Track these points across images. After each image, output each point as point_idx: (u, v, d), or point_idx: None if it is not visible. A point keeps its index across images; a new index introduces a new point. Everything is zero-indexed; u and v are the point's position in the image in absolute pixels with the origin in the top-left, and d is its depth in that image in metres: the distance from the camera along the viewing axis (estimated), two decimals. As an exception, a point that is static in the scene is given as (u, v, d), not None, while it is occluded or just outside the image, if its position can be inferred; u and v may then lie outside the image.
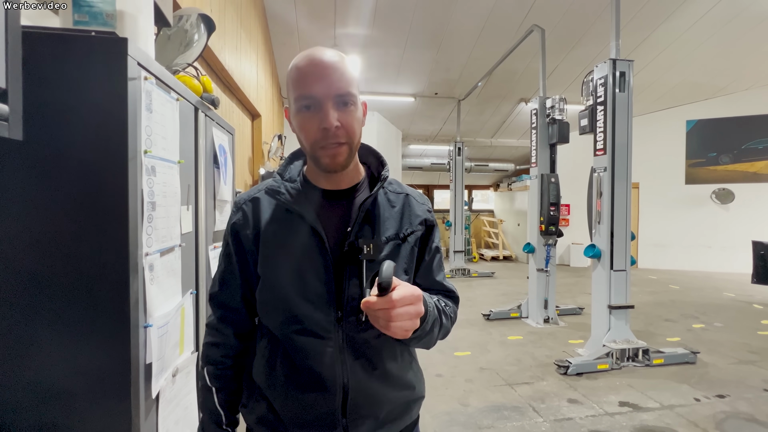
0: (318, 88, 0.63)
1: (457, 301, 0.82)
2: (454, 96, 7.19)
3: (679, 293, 5.90)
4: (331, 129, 0.63)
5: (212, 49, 2.54)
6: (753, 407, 2.55)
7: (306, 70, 0.64)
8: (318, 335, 0.67)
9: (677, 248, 7.98)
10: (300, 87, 0.64)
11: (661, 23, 5.14)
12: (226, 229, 0.76)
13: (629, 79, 3.22)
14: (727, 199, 7.67)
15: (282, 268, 0.68)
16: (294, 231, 0.69)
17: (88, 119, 0.76)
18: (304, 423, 0.69)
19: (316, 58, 0.64)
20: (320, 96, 0.63)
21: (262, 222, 0.71)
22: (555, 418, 2.43)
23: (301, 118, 0.66)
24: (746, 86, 7.35)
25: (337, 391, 0.68)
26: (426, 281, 0.78)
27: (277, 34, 5.22)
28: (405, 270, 0.74)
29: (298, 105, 0.65)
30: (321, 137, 0.64)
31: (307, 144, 0.67)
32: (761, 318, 4.62)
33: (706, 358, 3.37)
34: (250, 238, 0.71)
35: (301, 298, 0.67)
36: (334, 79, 0.63)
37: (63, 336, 0.77)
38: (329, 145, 0.65)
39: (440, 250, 0.81)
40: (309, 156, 0.70)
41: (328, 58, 0.64)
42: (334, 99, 0.64)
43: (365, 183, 0.77)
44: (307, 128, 0.65)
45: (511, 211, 10.14)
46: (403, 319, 0.57)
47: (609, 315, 3.26)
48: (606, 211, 3.28)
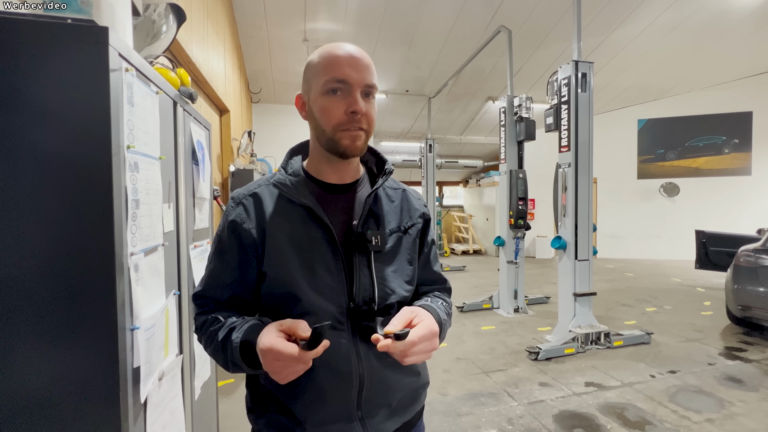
0: (351, 75, 0.66)
1: (450, 291, 0.87)
2: (425, 93, 7.29)
3: (634, 280, 6.36)
4: (359, 113, 0.66)
5: (179, 41, 2.43)
6: (700, 380, 2.82)
7: (341, 56, 0.67)
8: (332, 327, 0.67)
9: (631, 238, 8.60)
10: (332, 71, 0.66)
11: (615, 28, 5.49)
12: (223, 226, 0.73)
13: (590, 80, 3.42)
14: (674, 193, 8.36)
15: (291, 262, 0.68)
16: (301, 224, 0.69)
17: (68, 113, 0.72)
18: (322, 420, 0.68)
19: (350, 49, 0.68)
20: (352, 81, 0.66)
21: (266, 216, 0.70)
22: (528, 401, 2.56)
23: (326, 100, 0.67)
24: (688, 88, 8.02)
25: (354, 381, 0.68)
26: (424, 272, 0.82)
27: (245, 28, 5.05)
28: (409, 261, 0.77)
29: (326, 88, 0.67)
30: (346, 120, 0.67)
31: (327, 126, 0.68)
32: (704, 300, 5.10)
33: (659, 338, 3.68)
34: (253, 234, 0.69)
35: (313, 291, 0.67)
36: (365, 68, 0.68)
37: (45, 341, 0.72)
38: (352, 128, 0.67)
39: (435, 242, 0.86)
40: (326, 140, 0.69)
41: (360, 52, 0.69)
42: (363, 88, 0.67)
43: (365, 178, 0.79)
44: (331, 110, 0.67)
45: (480, 206, 10.45)
46: (419, 355, 0.63)
47: (574, 302, 3.47)
48: (570, 204, 3.47)
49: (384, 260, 0.73)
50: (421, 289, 0.82)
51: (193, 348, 1.32)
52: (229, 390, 2.73)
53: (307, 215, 0.69)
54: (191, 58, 2.76)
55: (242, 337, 0.63)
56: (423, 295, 0.82)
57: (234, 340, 0.64)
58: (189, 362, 1.27)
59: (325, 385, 0.67)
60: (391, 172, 0.78)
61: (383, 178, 0.76)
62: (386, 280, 0.72)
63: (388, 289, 0.72)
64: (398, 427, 0.76)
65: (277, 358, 0.58)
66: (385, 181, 0.76)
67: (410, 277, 0.77)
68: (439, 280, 0.84)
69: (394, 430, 0.75)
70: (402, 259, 0.75)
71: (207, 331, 0.69)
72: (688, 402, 2.51)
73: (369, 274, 0.70)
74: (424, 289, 0.82)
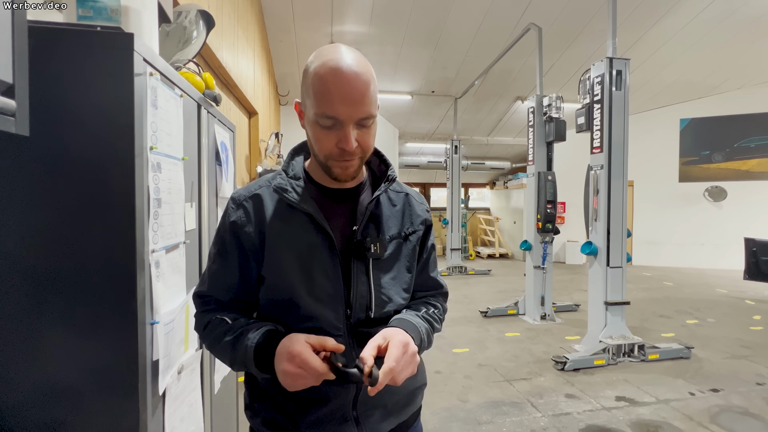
0: (342, 111, 0.61)
1: (446, 296, 0.86)
2: (451, 94, 7.20)
3: (673, 290, 5.97)
4: (350, 150, 0.64)
5: (210, 47, 2.53)
6: (746, 401, 2.60)
7: (331, 87, 0.60)
8: (328, 333, 0.67)
9: (671, 245, 8.08)
10: (323, 104, 0.61)
11: (655, 22, 5.19)
12: (223, 227, 0.73)
13: (626, 78, 3.25)
14: (720, 197, 7.77)
15: (290, 267, 0.68)
16: (301, 229, 0.69)
17: (95, 115, 0.76)
18: (317, 420, 0.69)
19: (343, 73, 0.60)
20: (343, 119, 0.62)
21: (266, 219, 0.69)
22: (553, 413, 2.46)
23: (318, 130, 0.65)
24: (738, 85, 7.44)
25: (350, 385, 0.69)
26: (421, 277, 0.82)
27: (274, 32, 5.19)
28: (408, 268, 0.76)
29: (317, 119, 0.63)
30: (337, 154, 0.65)
31: (320, 153, 0.67)
32: (753, 313, 4.70)
33: (700, 353, 3.43)
34: (253, 236, 0.69)
35: (310, 297, 0.67)
36: (359, 101, 0.61)
37: (70, 333, 0.76)
38: (344, 159, 0.66)
39: (435, 248, 0.85)
40: (320, 163, 0.69)
41: (355, 76, 0.61)
42: (356, 122, 0.64)
43: (368, 182, 0.78)
44: (323, 142, 0.65)
45: (507, 209, 10.18)
46: (406, 372, 0.63)
47: (605, 311, 3.29)
48: (602, 208, 3.31)
49: (382, 267, 0.72)
50: (417, 294, 0.81)
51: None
52: (251, 385, 2.80)
53: (308, 220, 0.69)
54: (221, 63, 2.86)
55: (260, 339, 0.64)
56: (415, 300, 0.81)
57: (250, 339, 0.65)
58: (209, 357, 1.31)
59: (323, 387, 0.67)
60: (393, 180, 0.76)
61: (386, 185, 0.74)
62: (384, 287, 0.71)
63: (386, 297, 0.72)
64: (393, 428, 0.76)
65: (301, 366, 0.59)
66: (387, 187, 0.74)
67: (408, 285, 0.76)
68: (435, 286, 0.84)
69: (390, 430, 0.75)
70: (401, 267, 0.75)
71: (214, 331, 0.70)
72: (732, 424, 2.32)
73: (367, 281, 0.69)
74: (419, 296, 0.82)
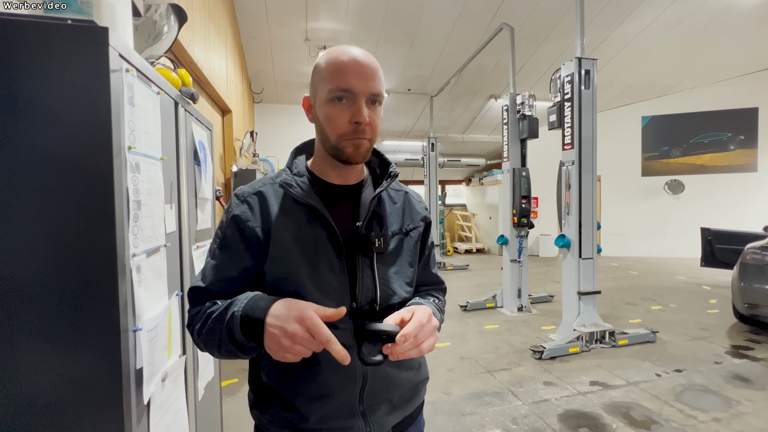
0: (356, 84, 0.65)
1: (445, 291, 0.90)
2: (427, 92, 7.27)
3: (638, 278, 6.32)
4: (363, 123, 0.66)
5: (181, 42, 2.43)
6: (706, 379, 2.80)
7: (347, 64, 0.66)
8: (335, 326, 0.67)
9: (635, 236, 8.54)
10: (337, 79, 0.66)
11: (619, 24, 5.44)
12: (226, 221, 0.72)
13: (593, 77, 3.39)
14: (678, 190, 8.29)
15: (297, 261, 0.68)
16: (306, 224, 0.69)
17: (69, 114, 0.72)
18: (324, 416, 0.69)
19: (357, 56, 0.67)
20: (357, 91, 0.66)
21: (271, 216, 0.69)
22: (533, 400, 2.55)
23: (331, 108, 0.67)
24: (692, 85, 7.94)
25: (357, 378, 0.70)
26: (423, 273, 0.84)
27: (247, 27, 5.05)
28: (410, 263, 0.78)
29: (331, 96, 0.66)
30: (351, 131, 0.67)
31: (332, 134, 0.68)
32: (710, 298, 5.05)
33: (664, 337, 3.65)
34: (257, 233, 0.69)
35: (317, 290, 0.68)
36: (371, 77, 0.67)
37: (47, 344, 0.72)
38: (356, 137, 0.67)
39: (434, 245, 0.88)
40: (330, 146, 0.69)
41: (367, 58, 0.67)
42: (369, 96, 0.67)
43: (369, 179, 0.79)
44: (336, 119, 0.67)
45: (482, 204, 10.41)
46: (429, 343, 0.65)
47: (579, 301, 3.44)
48: (574, 202, 3.45)
49: (386, 261, 0.74)
50: (420, 289, 0.84)
51: (196, 349, 1.31)
52: (232, 390, 2.73)
53: (312, 215, 0.69)
54: (193, 59, 2.76)
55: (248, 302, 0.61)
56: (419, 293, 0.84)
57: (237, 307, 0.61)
58: (192, 363, 1.27)
59: (329, 383, 0.68)
60: (396, 175, 0.78)
61: (388, 181, 0.76)
62: (388, 281, 0.73)
63: (390, 290, 0.73)
64: (399, 422, 0.77)
65: (311, 330, 0.56)
66: (390, 183, 0.76)
67: (410, 279, 0.78)
68: (435, 281, 0.87)
69: (395, 424, 0.76)
70: (403, 261, 0.77)
71: (204, 314, 0.67)
72: (694, 401, 2.49)
73: (372, 274, 0.71)
74: (422, 290, 0.85)
